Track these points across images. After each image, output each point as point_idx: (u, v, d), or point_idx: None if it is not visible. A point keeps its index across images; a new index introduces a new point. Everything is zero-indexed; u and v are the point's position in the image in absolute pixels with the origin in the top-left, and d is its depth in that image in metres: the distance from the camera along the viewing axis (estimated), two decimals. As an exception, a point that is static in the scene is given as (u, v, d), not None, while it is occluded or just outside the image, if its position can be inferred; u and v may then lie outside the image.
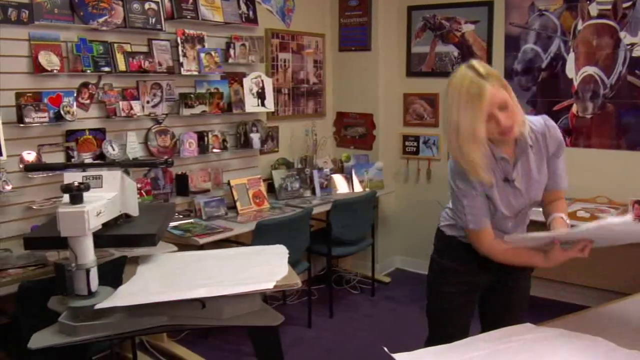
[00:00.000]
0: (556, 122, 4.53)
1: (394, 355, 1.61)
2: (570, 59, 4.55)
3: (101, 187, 2.28)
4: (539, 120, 2.26)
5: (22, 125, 3.27)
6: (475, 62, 2.08)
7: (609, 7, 4.34)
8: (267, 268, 2.29)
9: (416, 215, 5.45)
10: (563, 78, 4.60)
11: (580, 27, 4.48)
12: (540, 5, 4.63)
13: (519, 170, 2.24)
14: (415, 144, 5.41)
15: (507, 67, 4.85)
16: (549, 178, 2.30)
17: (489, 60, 4.92)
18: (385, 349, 1.74)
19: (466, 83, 2.03)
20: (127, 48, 3.79)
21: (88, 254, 2.05)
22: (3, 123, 3.19)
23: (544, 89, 4.71)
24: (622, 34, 4.32)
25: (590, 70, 4.47)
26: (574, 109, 4.59)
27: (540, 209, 2.45)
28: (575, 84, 4.55)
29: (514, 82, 4.81)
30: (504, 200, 2.26)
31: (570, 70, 4.57)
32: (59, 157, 3.52)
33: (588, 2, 4.41)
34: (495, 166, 2.20)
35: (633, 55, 4.30)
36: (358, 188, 5.06)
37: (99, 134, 3.70)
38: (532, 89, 4.75)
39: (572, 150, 4.64)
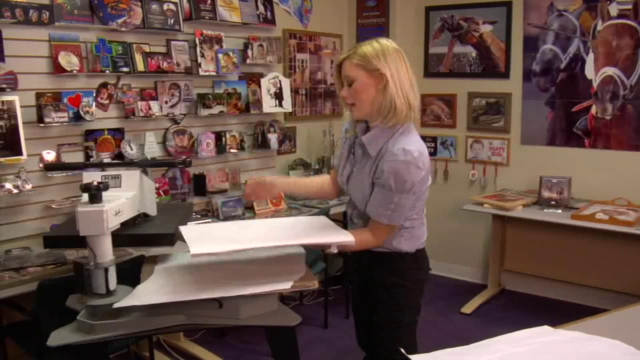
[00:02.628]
0: (575, 123, 4.60)
1: (411, 357, 1.60)
2: (590, 59, 4.52)
3: (120, 186, 2.30)
4: (404, 151, 2.12)
5: (42, 125, 3.30)
6: (375, 40, 2.21)
7: (630, 7, 4.30)
8: (284, 268, 2.29)
9: (433, 216, 5.41)
10: (582, 79, 4.57)
11: (599, 27, 4.44)
12: (559, 6, 4.60)
13: (357, 156, 2.32)
14: (433, 145, 5.39)
15: (525, 68, 4.83)
16: (371, 200, 2.23)
17: (507, 61, 4.90)
18: (402, 350, 1.74)
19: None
20: (146, 48, 3.82)
21: (107, 253, 2.07)
22: (23, 123, 3.22)
23: (562, 90, 4.67)
24: (642, 35, 4.28)
25: (610, 71, 4.43)
26: (593, 110, 4.55)
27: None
28: (595, 85, 4.52)
29: (532, 83, 4.79)
30: (341, 164, 2.40)
31: (589, 71, 4.53)
32: (78, 157, 3.55)
33: (608, 2, 4.38)
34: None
35: (654, 56, 4.27)
36: (375, 189, 5.04)
37: (118, 133, 3.73)
38: (551, 89, 4.72)
39: (590, 152, 4.61)
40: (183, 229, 2.35)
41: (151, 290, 2.14)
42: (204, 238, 2.23)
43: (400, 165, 2.11)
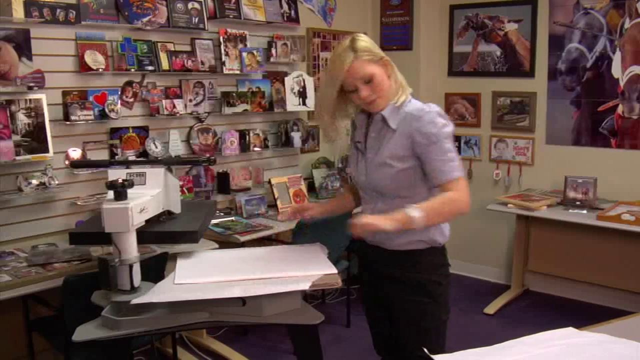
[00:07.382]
0: (601, 123, 4.54)
1: (434, 357, 1.60)
2: (617, 58, 4.46)
3: (144, 184, 2.32)
4: (423, 108, 2.19)
5: (68, 122, 3.34)
6: (358, 36, 2.19)
7: (658, 5, 4.24)
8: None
9: (456, 216, 5.40)
10: (609, 78, 4.51)
11: (627, 25, 4.38)
12: (585, 4, 4.54)
13: (370, 140, 2.29)
14: (457, 144, 5.36)
15: (550, 67, 4.78)
16: (430, 172, 2.15)
17: (532, 60, 4.85)
18: (425, 350, 1.73)
19: (337, 53, 2.18)
20: (171, 47, 3.84)
21: (131, 249, 2.09)
22: (50, 120, 3.27)
23: (588, 89, 4.62)
24: (671, 33, 4.22)
25: (637, 69, 4.37)
26: (620, 109, 4.49)
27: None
28: (622, 84, 4.45)
29: (557, 82, 4.74)
30: (353, 162, 2.39)
31: (616, 70, 4.47)
32: (103, 155, 3.58)
33: None
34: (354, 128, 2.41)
35: (682, 54, 4.20)
36: (398, 188, 5.02)
37: (142, 131, 3.76)
38: (577, 89, 4.67)
39: (617, 152, 4.55)
40: (180, 258, 2.45)
41: (171, 287, 2.16)
42: (193, 269, 2.31)
43: (428, 116, 2.14)
